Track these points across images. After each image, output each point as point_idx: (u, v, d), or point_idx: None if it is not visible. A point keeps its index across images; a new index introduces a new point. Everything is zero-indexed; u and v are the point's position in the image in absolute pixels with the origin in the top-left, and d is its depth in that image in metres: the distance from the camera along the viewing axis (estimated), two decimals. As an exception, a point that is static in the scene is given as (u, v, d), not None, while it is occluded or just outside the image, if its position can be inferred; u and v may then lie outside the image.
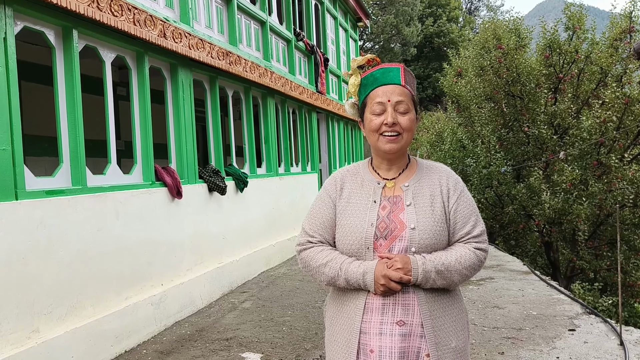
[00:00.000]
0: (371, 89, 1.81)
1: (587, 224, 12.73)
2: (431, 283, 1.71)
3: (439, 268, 1.70)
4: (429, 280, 1.70)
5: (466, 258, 1.76)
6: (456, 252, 1.76)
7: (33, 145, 5.99)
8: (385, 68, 1.83)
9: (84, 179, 4.22)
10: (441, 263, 1.71)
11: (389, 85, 1.78)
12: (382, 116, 1.76)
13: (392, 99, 1.76)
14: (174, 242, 5.43)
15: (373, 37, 31.78)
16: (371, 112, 1.79)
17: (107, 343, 4.25)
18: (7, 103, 3.51)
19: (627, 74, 12.86)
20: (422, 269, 1.68)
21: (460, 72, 16.30)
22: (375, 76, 1.82)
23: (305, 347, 4.54)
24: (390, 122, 1.75)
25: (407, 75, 1.83)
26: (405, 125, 1.77)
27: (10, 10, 3.58)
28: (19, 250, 3.52)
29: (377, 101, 1.77)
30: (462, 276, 1.75)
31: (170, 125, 5.66)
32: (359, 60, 1.87)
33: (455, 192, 1.82)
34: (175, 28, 5.35)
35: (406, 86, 1.80)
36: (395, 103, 1.76)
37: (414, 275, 1.67)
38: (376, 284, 1.69)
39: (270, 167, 8.33)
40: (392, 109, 1.76)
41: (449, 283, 1.74)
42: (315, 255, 1.82)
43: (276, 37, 8.90)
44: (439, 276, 1.70)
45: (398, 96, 1.77)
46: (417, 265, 1.68)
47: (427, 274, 1.69)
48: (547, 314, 5.32)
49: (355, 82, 1.85)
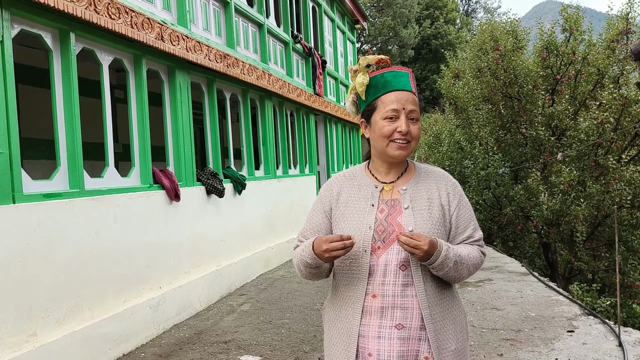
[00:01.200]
0: (383, 92, 1.79)
1: (585, 225, 12.75)
2: (446, 270, 1.70)
3: (457, 259, 1.71)
4: (445, 267, 1.69)
5: (474, 255, 1.79)
6: (466, 248, 1.79)
7: (30, 149, 5.97)
8: (396, 72, 1.82)
9: (82, 182, 4.21)
10: (459, 255, 1.72)
11: (402, 91, 1.78)
12: (396, 123, 1.75)
13: (407, 107, 1.76)
14: (172, 245, 5.42)
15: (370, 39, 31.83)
16: (383, 117, 1.77)
17: (106, 346, 4.24)
18: (4, 106, 3.50)
19: (624, 75, 12.89)
20: (445, 253, 1.68)
21: (458, 73, 16.33)
22: (387, 79, 1.80)
23: (304, 349, 4.53)
24: (405, 130, 1.74)
25: (414, 82, 1.85)
26: (415, 134, 1.78)
27: (7, 14, 3.58)
28: (16, 253, 3.51)
29: (392, 108, 1.76)
30: (468, 272, 1.78)
31: (168, 128, 5.65)
32: (369, 59, 1.83)
33: (455, 197, 1.83)
34: (172, 31, 5.35)
35: (416, 93, 1.82)
36: (409, 111, 1.77)
37: (436, 254, 1.66)
38: (318, 251, 1.70)
39: (269, 169, 8.33)
40: (406, 117, 1.76)
41: (457, 276, 1.75)
42: (296, 252, 1.87)
43: (274, 40, 8.90)
44: (455, 267, 1.71)
45: (412, 105, 1.77)
46: (442, 248, 1.68)
47: (448, 261, 1.68)
48: (545, 315, 5.32)
49: (363, 81, 1.82)
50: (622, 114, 12.03)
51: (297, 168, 9.96)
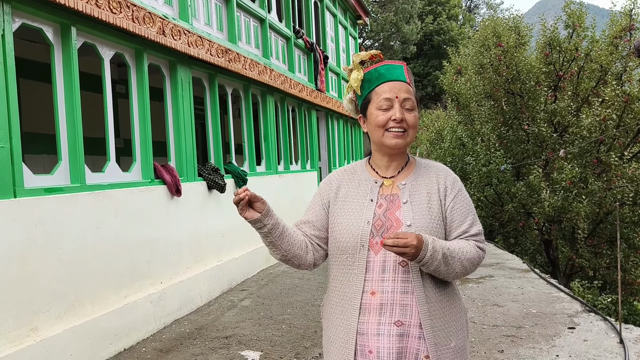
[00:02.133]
0: (376, 84, 1.79)
1: (587, 222, 12.72)
2: (435, 265, 1.66)
3: (445, 252, 1.67)
4: (434, 261, 1.66)
5: (468, 250, 1.75)
6: (459, 243, 1.75)
7: (32, 143, 5.97)
8: (389, 65, 1.82)
9: (83, 176, 4.21)
10: (447, 247, 1.69)
11: (395, 81, 1.78)
12: (390, 112, 1.75)
13: (400, 95, 1.76)
14: (173, 240, 5.42)
15: (373, 34, 31.73)
16: (377, 107, 1.77)
17: (107, 341, 4.25)
18: (6, 100, 3.50)
19: (627, 72, 12.84)
20: (432, 246, 1.65)
21: (460, 70, 16.28)
22: (380, 72, 1.80)
23: (304, 345, 4.53)
24: (399, 117, 1.74)
25: (409, 74, 1.83)
26: (411, 122, 1.76)
27: (9, 7, 3.57)
28: (17, 248, 3.51)
29: (385, 97, 1.76)
30: (463, 267, 1.73)
31: (170, 122, 5.64)
32: (362, 55, 1.84)
33: (452, 191, 1.80)
34: (174, 25, 5.34)
35: (411, 84, 1.80)
36: (403, 100, 1.76)
37: (423, 251, 1.63)
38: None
39: (270, 165, 8.32)
40: (400, 105, 1.75)
41: (450, 271, 1.70)
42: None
43: (275, 35, 8.88)
44: (444, 260, 1.67)
45: (405, 93, 1.76)
46: (427, 241, 1.64)
47: (436, 254, 1.65)
48: (546, 312, 5.32)
49: (357, 76, 1.82)
50: (625, 110, 12.00)
51: (298, 164, 9.95)
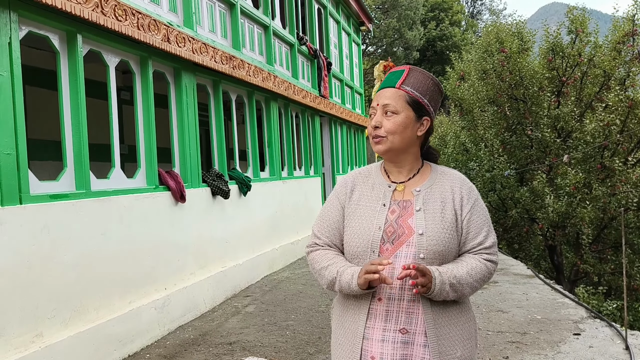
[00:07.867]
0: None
1: (591, 228, 12.67)
2: (444, 296, 1.67)
3: (452, 281, 1.66)
4: (443, 292, 1.66)
5: (477, 270, 1.72)
6: (467, 265, 1.72)
7: (37, 150, 6.00)
8: (392, 72, 1.84)
9: (88, 183, 4.23)
10: (454, 276, 1.67)
11: (383, 89, 1.80)
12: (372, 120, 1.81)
13: (380, 102, 1.77)
14: (178, 246, 5.43)
15: (376, 41, 31.82)
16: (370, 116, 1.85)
17: (111, 347, 4.25)
18: (12, 107, 3.52)
19: (630, 77, 12.83)
20: (439, 279, 1.64)
21: (463, 75, 16.29)
22: (383, 81, 1.86)
23: (308, 351, 4.53)
24: (373, 125, 1.78)
25: (410, 77, 1.78)
26: (387, 128, 1.75)
27: (15, 15, 3.60)
28: (23, 254, 3.53)
29: (372, 106, 1.82)
30: (472, 289, 1.73)
31: (174, 129, 5.66)
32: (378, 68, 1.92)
33: (469, 201, 1.77)
34: (178, 32, 5.37)
35: (402, 88, 1.76)
36: (383, 106, 1.77)
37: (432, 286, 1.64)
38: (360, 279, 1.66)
39: (274, 171, 8.33)
40: (382, 111, 1.77)
41: (460, 296, 1.71)
42: (319, 258, 1.82)
43: (279, 41, 8.91)
44: (452, 289, 1.67)
45: (386, 99, 1.76)
46: (434, 275, 1.64)
47: (443, 286, 1.65)
48: (551, 318, 5.30)
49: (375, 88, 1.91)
50: (629, 116, 11.99)
51: (302, 170, 9.96)
